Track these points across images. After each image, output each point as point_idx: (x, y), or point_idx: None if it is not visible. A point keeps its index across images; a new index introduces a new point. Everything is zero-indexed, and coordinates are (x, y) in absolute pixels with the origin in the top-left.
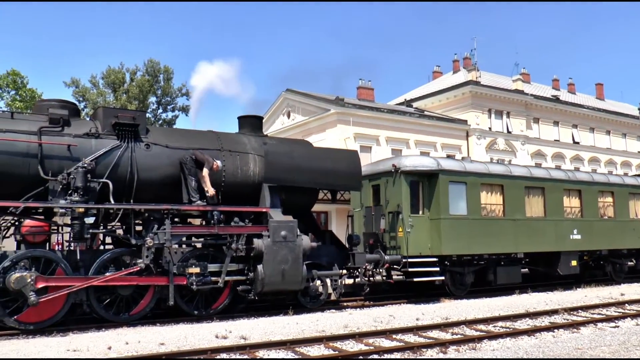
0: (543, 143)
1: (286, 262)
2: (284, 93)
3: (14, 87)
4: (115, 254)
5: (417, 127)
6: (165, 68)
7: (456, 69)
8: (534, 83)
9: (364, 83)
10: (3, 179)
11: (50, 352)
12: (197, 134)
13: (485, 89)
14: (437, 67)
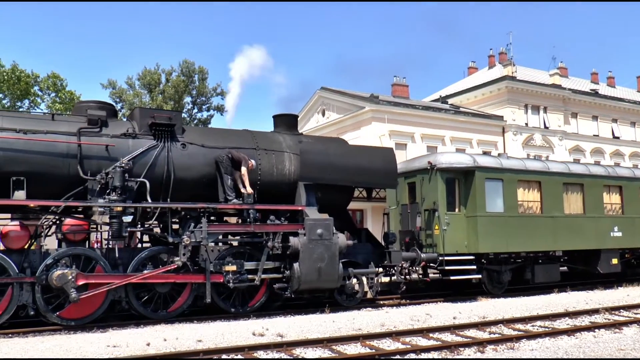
0: (581, 138)
1: (322, 260)
2: (319, 91)
3: (54, 90)
4: (153, 252)
5: (453, 123)
6: (200, 68)
7: (492, 64)
8: (571, 77)
9: (399, 80)
10: (45, 179)
11: (91, 348)
12: (233, 133)
13: (522, 84)
14: (472, 62)
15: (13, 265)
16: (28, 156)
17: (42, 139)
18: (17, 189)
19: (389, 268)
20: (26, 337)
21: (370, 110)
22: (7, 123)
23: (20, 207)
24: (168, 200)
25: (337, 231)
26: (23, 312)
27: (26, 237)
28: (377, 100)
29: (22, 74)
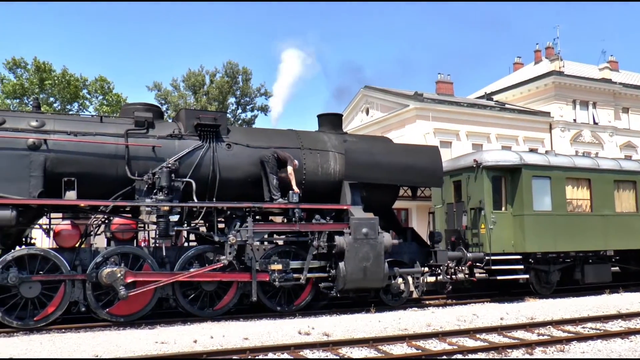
0: (633, 134)
1: (368, 260)
2: (363, 90)
3: (101, 93)
4: (199, 250)
5: (498, 120)
6: (244, 69)
7: (538, 59)
8: (622, 71)
9: (443, 77)
10: (94, 179)
11: (140, 344)
12: (277, 133)
13: (570, 79)
14: (517, 58)
15: (65, 263)
16: (78, 157)
17: (91, 140)
18: (68, 189)
19: (435, 267)
20: (78, 333)
21: (414, 109)
22: (58, 126)
23: (71, 206)
24: (214, 199)
25: (382, 230)
26: (75, 308)
27: (77, 235)
28: (421, 98)
29: (71, 78)
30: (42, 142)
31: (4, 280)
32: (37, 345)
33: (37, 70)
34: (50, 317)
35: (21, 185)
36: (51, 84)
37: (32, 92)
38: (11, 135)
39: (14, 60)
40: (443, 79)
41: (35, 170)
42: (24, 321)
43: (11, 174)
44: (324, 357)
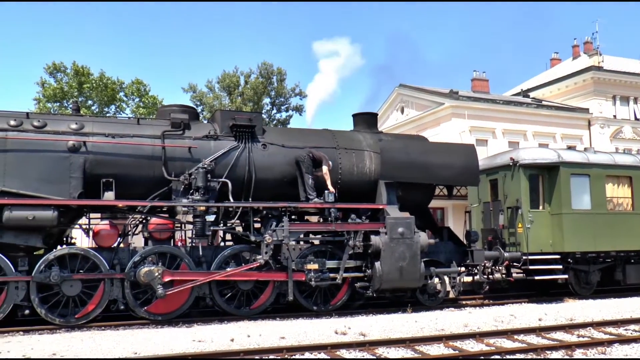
0: None
1: (404, 259)
2: (397, 88)
3: (138, 95)
4: (236, 250)
5: (535, 117)
6: (279, 70)
7: (576, 54)
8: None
9: (479, 74)
10: (132, 180)
11: (178, 342)
12: (313, 133)
13: (609, 74)
14: (555, 53)
15: (104, 262)
16: (116, 159)
17: (129, 142)
18: (107, 190)
19: (472, 267)
20: (117, 330)
21: (449, 107)
22: (97, 128)
23: (109, 207)
24: (250, 199)
25: (418, 230)
26: (114, 306)
27: (115, 235)
28: (456, 96)
29: (108, 81)
30: (81, 144)
31: (47, 278)
32: (78, 342)
33: (76, 74)
34: (90, 314)
35: (62, 186)
36: (89, 87)
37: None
38: (52, 137)
39: (54, 65)
40: (478, 77)
41: (75, 172)
42: (65, 318)
43: (52, 176)
44: (360, 357)
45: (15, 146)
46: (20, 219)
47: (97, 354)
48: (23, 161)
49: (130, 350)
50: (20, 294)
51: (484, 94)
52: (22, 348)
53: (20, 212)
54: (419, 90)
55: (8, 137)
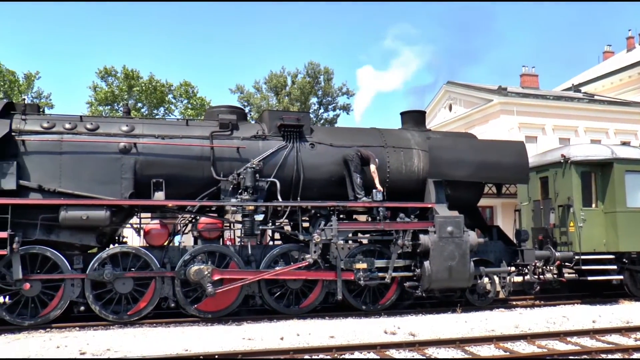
0: None
1: (453, 259)
2: (445, 85)
3: (186, 97)
4: (284, 249)
5: (587, 113)
6: (326, 69)
7: (630, 46)
8: None
9: (528, 70)
10: (181, 180)
11: (228, 339)
12: (360, 132)
13: None
14: (607, 46)
15: (155, 261)
16: (166, 160)
17: (178, 143)
18: (157, 190)
19: (522, 267)
20: (168, 327)
21: (498, 103)
22: (146, 129)
23: (159, 207)
24: (298, 199)
25: (467, 229)
26: (165, 304)
27: (165, 234)
28: (505, 92)
29: (157, 84)
30: (132, 145)
31: (100, 276)
32: (130, 338)
33: (126, 78)
34: (142, 311)
35: (114, 187)
36: (139, 90)
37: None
38: (104, 139)
39: (105, 69)
40: (528, 72)
41: (126, 173)
42: (118, 315)
43: (105, 177)
44: (410, 357)
45: (70, 148)
46: (75, 219)
47: (149, 350)
48: (77, 163)
49: (181, 347)
50: (76, 291)
51: (534, 89)
52: (78, 343)
53: (75, 212)
54: (467, 87)
55: (63, 140)
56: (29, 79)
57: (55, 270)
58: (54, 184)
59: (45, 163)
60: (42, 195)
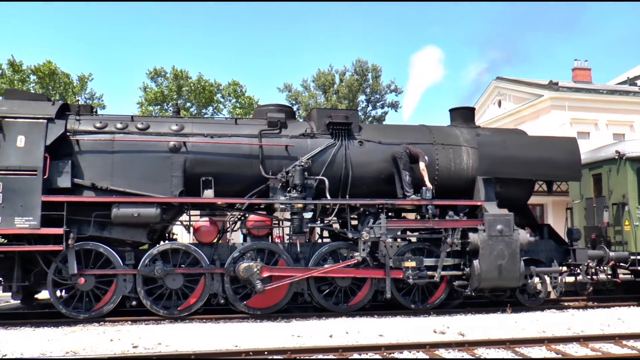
0: None
1: (503, 258)
2: (494, 81)
3: (234, 96)
4: (333, 247)
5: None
6: (374, 67)
7: None
8: None
9: (580, 63)
10: (230, 178)
11: (277, 336)
12: (409, 129)
13: None
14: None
15: (204, 257)
16: (215, 158)
17: (227, 141)
18: (206, 188)
19: (574, 267)
20: (218, 323)
21: (549, 98)
22: (196, 129)
23: (209, 204)
24: (346, 196)
25: (517, 227)
26: (215, 300)
27: (215, 232)
28: (556, 87)
29: (206, 84)
30: (181, 144)
31: (151, 272)
32: (181, 333)
33: (175, 78)
34: (192, 307)
35: (164, 185)
36: (188, 90)
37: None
38: (155, 139)
39: (155, 70)
40: (580, 65)
41: (176, 171)
42: (169, 310)
43: (155, 175)
44: (459, 357)
45: (121, 147)
46: (126, 216)
47: (199, 345)
48: (128, 161)
49: (230, 342)
50: (128, 286)
51: (586, 83)
52: (131, 336)
53: (127, 209)
54: (517, 83)
55: (115, 139)
56: (83, 81)
57: (108, 266)
58: (106, 182)
59: (98, 162)
60: (95, 193)
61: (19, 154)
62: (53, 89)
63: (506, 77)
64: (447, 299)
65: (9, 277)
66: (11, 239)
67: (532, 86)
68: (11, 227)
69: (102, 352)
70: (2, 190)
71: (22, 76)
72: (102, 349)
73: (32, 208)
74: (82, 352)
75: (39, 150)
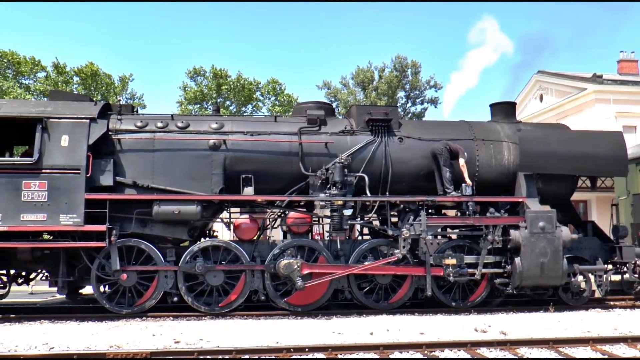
0: None
1: (545, 255)
2: (536, 75)
3: (273, 94)
4: (373, 244)
5: None
6: (413, 63)
7: None
8: None
9: (626, 55)
10: (270, 175)
11: (318, 333)
12: (449, 125)
13: None
14: None
15: (245, 254)
16: (255, 155)
17: (267, 139)
18: (246, 185)
19: (620, 265)
20: (259, 320)
21: (593, 92)
22: (235, 127)
23: (249, 201)
24: (386, 193)
25: (560, 224)
26: (255, 297)
27: (255, 229)
28: (600, 80)
29: (245, 82)
30: (221, 142)
31: (192, 268)
32: (222, 329)
33: (215, 77)
34: (233, 304)
35: (204, 182)
36: (227, 88)
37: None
38: (195, 137)
39: (194, 69)
40: (626, 57)
41: (216, 169)
42: (210, 307)
43: (195, 173)
44: (501, 356)
45: (162, 146)
46: (167, 213)
47: (240, 342)
48: (169, 159)
49: (272, 339)
50: (169, 282)
51: (633, 76)
52: (173, 332)
53: (168, 206)
54: (559, 76)
55: (156, 138)
56: (124, 81)
57: (149, 262)
58: (148, 180)
59: (139, 160)
60: (136, 190)
61: (63, 153)
62: (95, 89)
63: (548, 71)
64: (488, 297)
65: (55, 273)
66: (56, 235)
67: (575, 79)
68: (56, 224)
69: (144, 347)
70: (48, 188)
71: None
72: (144, 344)
73: (76, 205)
74: (126, 347)
75: (82, 150)
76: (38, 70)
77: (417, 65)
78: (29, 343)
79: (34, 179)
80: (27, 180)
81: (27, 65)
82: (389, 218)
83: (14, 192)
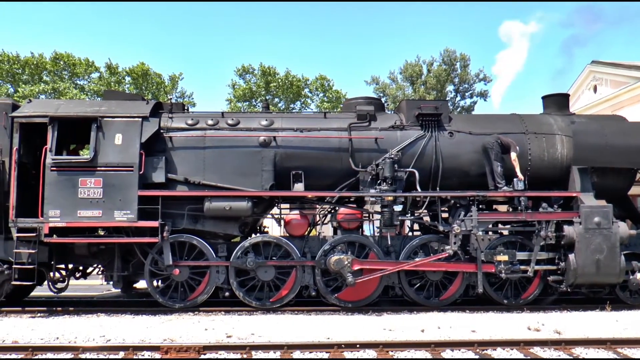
0: None
1: (600, 252)
2: (589, 65)
3: (322, 90)
4: (424, 240)
5: None
6: (462, 56)
7: None
8: None
9: None
10: (320, 171)
11: (368, 329)
12: (500, 118)
13: None
14: None
15: (295, 250)
16: (305, 152)
17: (317, 135)
18: (296, 181)
19: None
20: (309, 315)
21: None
22: (285, 123)
23: (299, 197)
24: (437, 189)
25: (617, 219)
26: (306, 292)
27: (305, 225)
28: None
29: (294, 79)
30: (271, 139)
31: (243, 264)
32: (273, 324)
33: (263, 75)
34: (284, 299)
35: (255, 179)
36: (276, 85)
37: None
38: (245, 134)
39: (243, 67)
40: None
41: (266, 165)
42: (261, 302)
43: (246, 169)
44: (556, 356)
45: (213, 143)
46: (218, 209)
47: (291, 337)
48: (220, 156)
49: (322, 334)
50: (221, 278)
51: None
52: (225, 326)
53: (219, 202)
54: (615, 66)
55: (206, 135)
56: (174, 80)
57: (201, 258)
58: (199, 177)
59: (190, 157)
60: (187, 187)
61: (116, 151)
62: (146, 89)
63: (602, 61)
64: (541, 294)
65: (110, 267)
66: (111, 231)
67: (632, 69)
68: (111, 220)
69: (196, 341)
70: (103, 185)
71: (118, 78)
72: (197, 338)
73: (129, 202)
74: (179, 340)
75: (135, 147)
76: (92, 71)
77: (466, 58)
78: (87, 335)
79: (89, 177)
80: (84, 178)
81: (82, 66)
82: (440, 214)
83: (71, 189)
